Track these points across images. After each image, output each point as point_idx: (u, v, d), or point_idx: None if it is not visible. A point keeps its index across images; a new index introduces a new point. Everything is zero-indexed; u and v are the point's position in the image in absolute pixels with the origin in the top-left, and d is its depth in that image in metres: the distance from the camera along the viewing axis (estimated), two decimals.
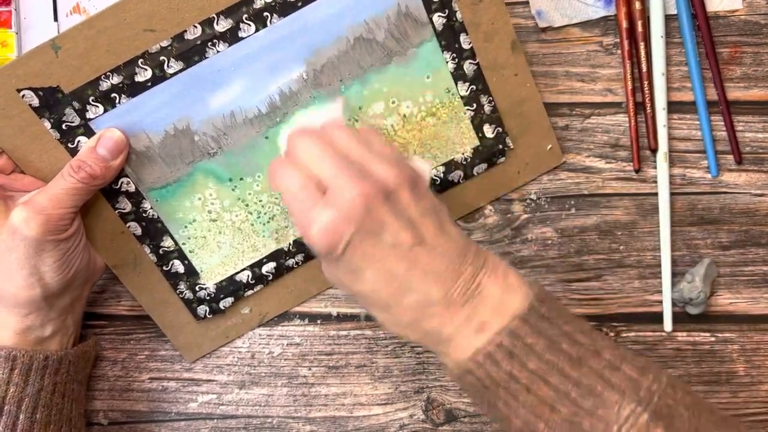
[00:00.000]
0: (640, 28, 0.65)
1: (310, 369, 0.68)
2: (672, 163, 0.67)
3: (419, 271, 0.49)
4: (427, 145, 0.65)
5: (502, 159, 0.67)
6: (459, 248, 0.51)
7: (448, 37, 0.62)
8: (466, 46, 0.63)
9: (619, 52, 0.67)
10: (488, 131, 0.66)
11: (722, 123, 0.67)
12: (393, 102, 0.64)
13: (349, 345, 0.68)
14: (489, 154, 0.66)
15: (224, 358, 0.68)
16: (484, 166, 0.67)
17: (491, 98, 0.65)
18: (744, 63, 0.67)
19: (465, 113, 0.65)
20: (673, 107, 0.67)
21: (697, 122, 0.67)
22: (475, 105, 0.65)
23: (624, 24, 0.65)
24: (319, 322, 0.68)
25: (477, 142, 0.66)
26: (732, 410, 0.67)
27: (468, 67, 0.63)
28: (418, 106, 0.64)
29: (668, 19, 0.66)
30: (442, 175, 0.66)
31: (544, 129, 0.67)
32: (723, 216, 0.67)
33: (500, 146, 0.66)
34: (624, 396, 0.46)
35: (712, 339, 0.68)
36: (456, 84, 0.64)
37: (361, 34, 0.61)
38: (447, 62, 0.63)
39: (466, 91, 0.64)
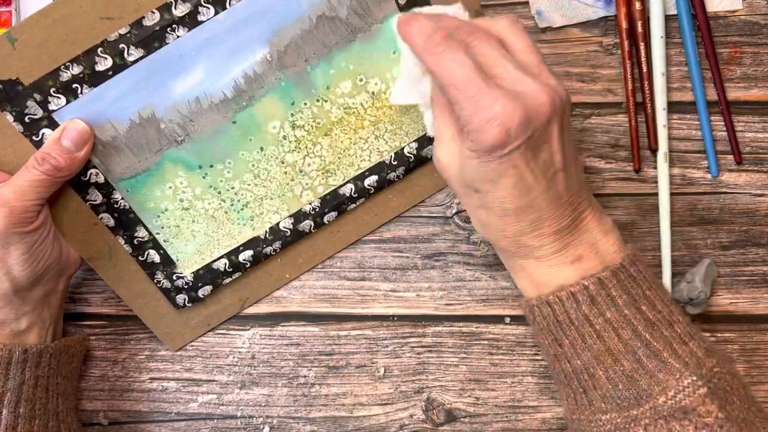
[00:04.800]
0: (640, 29, 0.65)
1: (310, 369, 0.68)
2: (672, 163, 0.67)
3: (551, 192, 0.49)
4: (398, 122, 0.64)
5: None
6: (582, 179, 0.52)
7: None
8: None
9: (619, 52, 0.66)
10: None
11: (722, 123, 0.66)
12: (360, 80, 0.62)
13: (349, 345, 0.68)
14: None
15: (224, 358, 0.68)
16: None
17: None
18: (744, 63, 0.67)
19: None
20: (673, 107, 0.67)
21: (697, 122, 0.67)
22: None
23: (624, 24, 0.65)
24: (319, 322, 0.68)
25: None
26: None
27: None
28: (386, 83, 0.62)
29: (668, 19, 0.66)
30: (415, 151, 0.65)
31: None
32: (723, 216, 0.67)
33: None
34: (687, 367, 0.47)
35: (712, 339, 0.67)
36: None
37: (323, 12, 0.59)
38: None
39: None
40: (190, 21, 0.57)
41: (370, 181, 0.65)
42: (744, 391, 0.49)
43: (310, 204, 0.65)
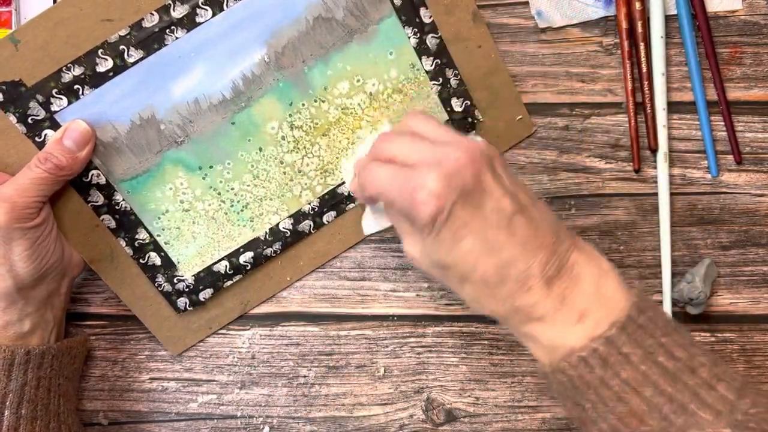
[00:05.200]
0: (640, 29, 0.65)
1: (310, 369, 0.68)
2: (672, 163, 0.67)
3: (518, 241, 0.48)
4: (396, 121, 0.64)
5: (473, 133, 0.65)
6: (551, 221, 0.50)
7: (408, 12, 0.60)
8: (426, 20, 0.61)
9: (619, 52, 0.66)
10: (456, 105, 0.64)
11: (722, 123, 0.66)
12: (358, 80, 0.62)
13: (349, 345, 0.68)
14: (459, 128, 0.65)
15: (224, 358, 0.68)
16: None
17: (456, 71, 0.63)
18: (744, 63, 0.66)
19: (431, 88, 0.63)
20: (673, 107, 0.66)
21: (697, 122, 0.66)
22: (440, 79, 0.63)
23: (624, 24, 0.65)
24: (319, 322, 0.68)
25: (446, 117, 0.65)
26: None
27: (431, 41, 0.62)
28: (384, 84, 0.63)
29: (668, 19, 0.66)
30: None
31: (512, 100, 0.65)
32: (723, 216, 0.67)
33: (470, 120, 0.65)
34: (719, 417, 0.44)
35: (712, 339, 0.67)
36: (420, 59, 0.62)
37: (319, 14, 0.60)
38: (409, 37, 0.61)
39: (431, 65, 0.63)
40: (189, 22, 0.58)
41: None
42: None
43: (309, 204, 0.65)
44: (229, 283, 0.66)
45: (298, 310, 0.68)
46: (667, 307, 0.66)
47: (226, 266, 0.65)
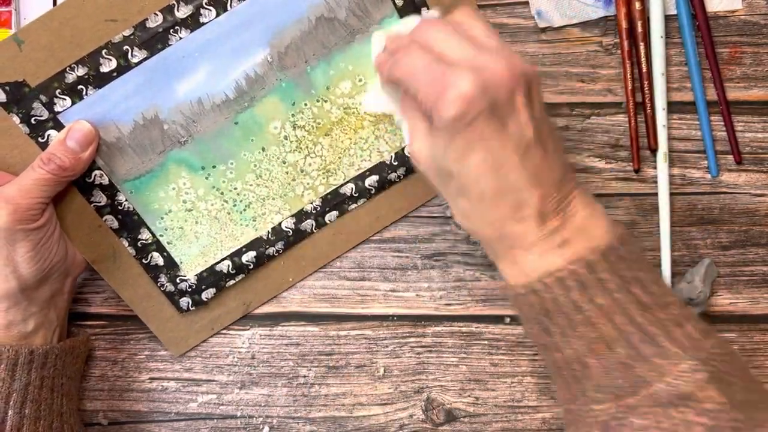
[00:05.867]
0: (639, 29, 0.65)
1: (310, 369, 0.68)
2: (672, 163, 0.67)
3: (528, 170, 0.48)
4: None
5: None
6: (563, 159, 0.50)
7: (410, 12, 0.61)
8: None
9: (619, 52, 0.66)
10: None
11: (722, 123, 0.66)
12: (360, 80, 0.63)
13: (349, 345, 0.68)
14: None
15: (224, 358, 0.68)
16: None
17: None
18: (744, 63, 0.67)
19: None
20: (673, 107, 0.66)
21: (697, 122, 0.67)
22: None
23: (624, 24, 0.65)
24: (319, 322, 0.68)
25: None
26: None
27: None
28: None
29: (668, 19, 0.66)
30: None
31: None
32: (723, 216, 0.67)
33: None
34: (684, 351, 0.45)
35: None
36: None
37: (322, 14, 0.60)
38: None
39: None
40: (192, 23, 0.58)
41: (371, 180, 0.65)
42: (745, 372, 0.47)
43: (312, 203, 0.65)
44: (231, 282, 0.66)
45: (298, 310, 0.68)
46: None
47: (228, 266, 0.65)
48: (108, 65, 0.58)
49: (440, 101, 0.46)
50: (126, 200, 0.62)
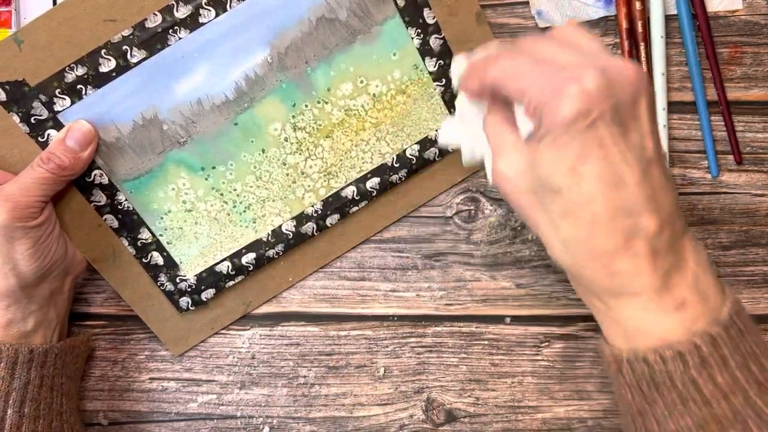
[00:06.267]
0: (640, 29, 0.65)
1: (310, 369, 0.68)
2: (672, 163, 0.67)
3: (647, 192, 0.42)
4: (399, 123, 0.64)
5: None
6: (674, 190, 0.44)
7: (412, 13, 0.61)
8: (430, 20, 0.61)
9: (619, 52, 0.66)
10: None
11: (722, 123, 0.66)
12: (361, 82, 0.62)
13: (349, 345, 0.68)
14: None
15: (224, 358, 0.68)
16: None
17: None
18: (744, 63, 0.67)
19: (435, 89, 0.64)
20: (673, 107, 0.66)
21: (697, 122, 0.67)
22: (444, 80, 0.63)
23: (624, 24, 0.65)
24: (319, 322, 0.68)
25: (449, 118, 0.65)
26: None
27: (434, 42, 0.62)
28: (387, 85, 0.63)
29: (668, 19, 0.66)
30: (417, 153, 0.65)
31: None
32: (723, 216, 0.67)
33: None
34: None
35: None
36: (423, 60, 0.62)
37: (322, 14, 0.60)
38: (412, 38, 0.61)
39: (434, 66, 0.63)
40: (192, 23, 0.58)
41: (372, 183, 0.65)
42: None
43: (312, 206, 0.65)
44: (231, 283, 0.66)
45: (298, 310, 0.68)
46: None
47: (228, 267, 0.65)
48: (107, 65, 0.58)
49: (557, 98, 0.40)
50: (126, 200, 0.62)
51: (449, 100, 0.64)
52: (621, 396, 0.46)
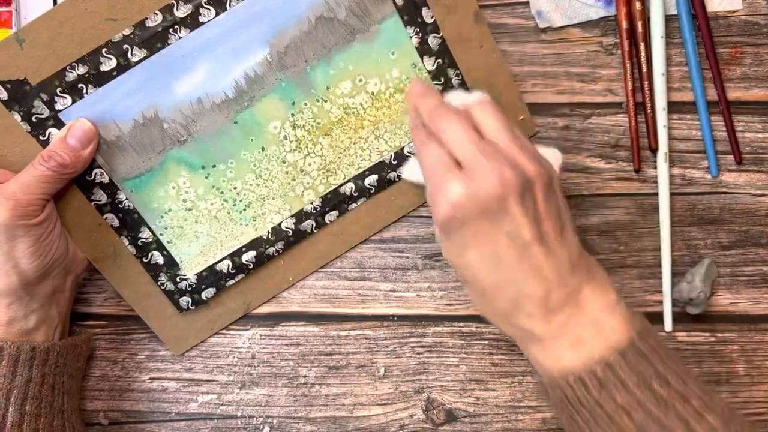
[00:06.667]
0: (640, 29, 0.65)
1: (310, 369, 0.68)
2: (672, 163, 0.67)
3: (528, 267, 0.49)
4: (397, 122, 0.64)
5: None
6: (573, 256, 0.51)
7: (410, 12, 0.61)
8: (428, 19, 0.61)
9: (619, 52, 0.66)
10: None
11: (722, 123, 0.66)
12: (360, 80, 0.63)
13: (349, 345, 0.68)
14: None
15: (224, 358, 0.68)
16: None
17: (458, 71, 0.64)
18: (744, 63, 0.67)
19: None
20: (673, 107, 0.66)
21: (697, 122, 0.67)
22: (442, 79, 0.63)
23: (624, 24, 0.65)
24: (319, 322, 0.68)
25: None
26: None
27: (432, 41, 0.62)
28: (386, 83, 0.63)
29: (668, 19, 0.66)
30: (415, 151, 0.65)
31: (514, 100, 0.65)
32: (723, 216, 0.67)
33: None
34: None
35: (712, 339, 0.67)
36: (422, 59, 0.63)
37: (321, 14, 0.60)
38: (411, 37, 0.62)
39: (433, 65, 0.63)
40: (192, 22, 0.58)
41: (371, 180, 0.65)
42: None
43: (312, 203, 0.65)
44: (231, 282, 0.66)
45: (299, 310, 0.68)
46: (667, 307, 0.66)
47: (228, 265, 0.65)
48: (108, 64, 0.58)
49: (434, 204, 0.51)
50: (126, 199, 0.62)
51: None
52: (559, 418, 0.53)
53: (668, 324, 0.66)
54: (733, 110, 0.66)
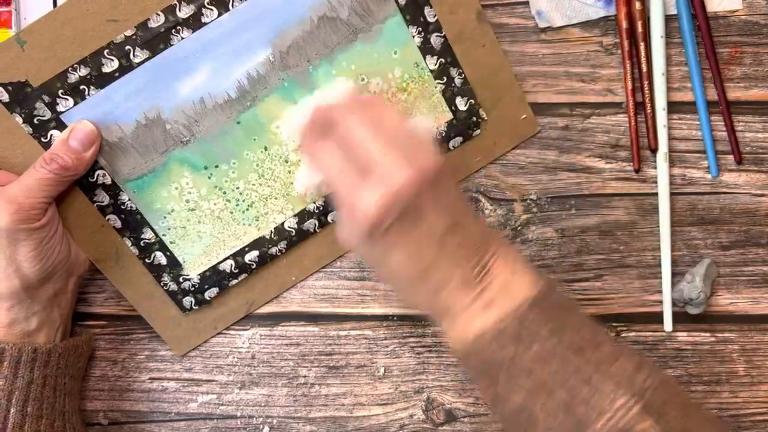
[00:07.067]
0: (640, 29, 0.65)
1: (310, 369, 0.68)
2: (672, 163, 0.67)
3: (445, 255, 0.51)
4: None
5: (477, 131, 0.66)
6: (479, 235, 0.52)
7: (413, 11, 0.61)
8: (431, 19, 0.61)
9: (619, 52, 0.66)
10: (461, 104, 0.65)
11: (722, 123, 0.66)
12: (362, 79, 0.63)
13: (349, 345, 0.68)
14: (463, 127, 0.65)
15: (224, 358, 0.68)
16: (459, 139, 0.66)
17: (461, 70, 0.64)
18: (744, 63, 0.67)
19: (436, 87, 0.64)
20: (673, 107, 0.67)
21: (697, 122, 0.67)
22: (445, 78, 0.64)
23: (624, 24, 0.65)
24: (319, 322, 0.68)
25: (450, 116, 0.65)
26: (732, 410, 0.67)
27: (435, 40, 0.62)
28: (388, 83, 0.63)
29: (668, 19, 0.66)
30: None
31: (516, 99, 0.66)
32: (723, 216, 0.67)
33: (474, 118, 0.65)
34: (618, 387, 0.46)
35: (712, 339, 0.67)
36: (424, 58, 0.63)
37: (324, 13, 0.60)
38: (413, 36, 0.62)
39: (435, 64, 0.63)
40: (194, 23, 0.58)
41: None
42: (681, 398, 0.48)
43: (314, 203, 0.65)
44: (234, 282, 0.66)
45: (299, 310, 0.68)
46: (667, 307, 0.66)
47: (231, 265, 0.65)
48: (110, 65, 0.58)
49: (353, 214, 0.49)
50: (129, 200, 0.62)
51: (449, 98, 0.65)
52: (480, 390, 0.55)
53: (668, 324, 0.66)
54: (733, 110, 0.66)
